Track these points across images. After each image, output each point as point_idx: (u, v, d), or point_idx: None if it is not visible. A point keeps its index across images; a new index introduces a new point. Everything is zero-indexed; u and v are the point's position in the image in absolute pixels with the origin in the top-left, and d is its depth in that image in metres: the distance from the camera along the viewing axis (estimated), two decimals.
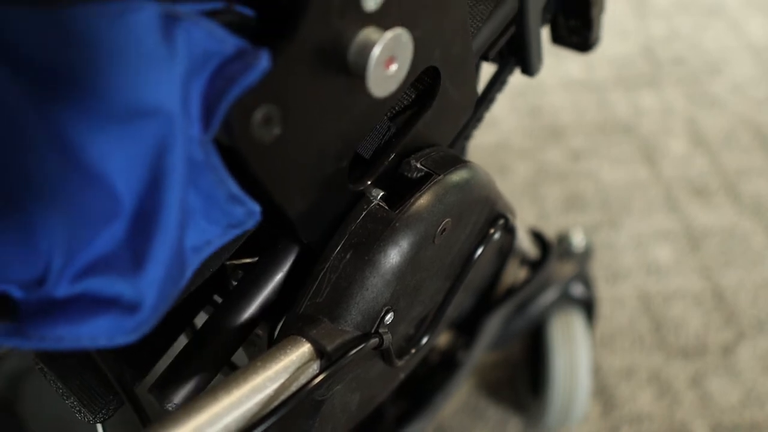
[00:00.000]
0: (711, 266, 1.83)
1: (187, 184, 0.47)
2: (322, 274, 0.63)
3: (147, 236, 0.46)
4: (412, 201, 0.65)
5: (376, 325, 0.65)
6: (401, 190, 0.67)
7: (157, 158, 0.44)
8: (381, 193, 0.67)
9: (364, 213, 0.65)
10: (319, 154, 0.59)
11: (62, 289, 0.45)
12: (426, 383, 1.21)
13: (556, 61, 2.39)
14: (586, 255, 1.51)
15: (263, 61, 0.46)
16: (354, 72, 0.55)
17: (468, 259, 0.77)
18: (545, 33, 0.92)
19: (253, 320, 0.67)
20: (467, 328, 1.23)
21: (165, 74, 0.43)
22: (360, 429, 0.79)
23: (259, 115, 0.50)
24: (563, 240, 1.52)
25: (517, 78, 0.92)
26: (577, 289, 1.44)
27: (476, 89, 0.79)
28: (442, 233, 0.68)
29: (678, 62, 2.42)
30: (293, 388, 0.56)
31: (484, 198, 0.73)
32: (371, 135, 0.69)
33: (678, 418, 1.55)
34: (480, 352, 1.25)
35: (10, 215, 0.41)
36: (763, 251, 1.86)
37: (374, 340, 0.63)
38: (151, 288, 0.47)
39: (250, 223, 0.55)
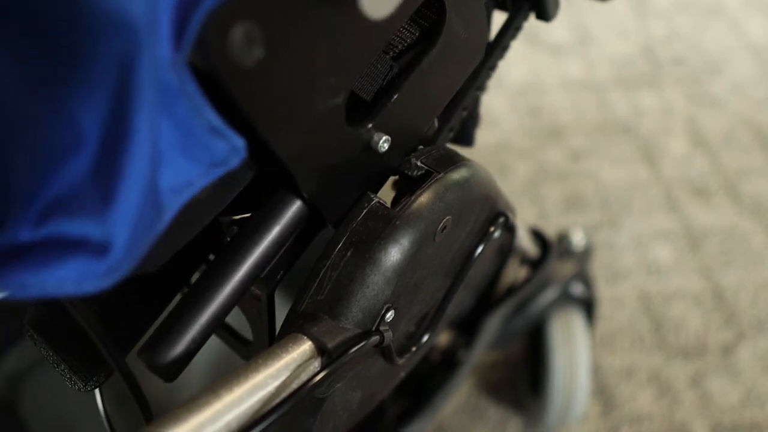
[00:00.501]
0: (711, 266, 1.83)
1: (158, 111, 0.42)
2: (323, 271, 0.64)
3: (114, 169, 0.41)
4: (412, 199, 0.65)
5: (376, 323, 0.65)
6: (402, 188, 0.67)
7: (121, 79, 0.38)
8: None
9: (364, 211, 0.65)
10: (309, 85, 0.54)
11: (25, 232, 0.41)
12: (426, 382, 1.22)
13: (557, 61, 2.39)
14: (586, 254, 1.51)
15: None
16: None
17: (468, 257, 0.77)
18: None
19: (249, 277, 0.63)
20: (467, 328, 1.23)
21: None
22: (360, 427, 0.79)
23: (238, 32, 0.44)
24: (563, 239, 1.52)
25: (517, 78, 0.92)
26: (577, 289, 1.44)
27: (486, 29, 0.75)
28: (442, 231, 0.68)
29: (678, 62, 2.42)
30: (294, 385, 0.56)
31: (485, 196, 0.74)
32: (372, 75, 0.64)
33: (678, 418, 1.55)
34: (480, 352, 1.25)
35: None
36: (763, 251, 1.86)
37: (375, 338, 0.63)
38: (122, 227, 0.43)
39: (235, 160, 0.51)
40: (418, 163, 0.68)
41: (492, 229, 0.77)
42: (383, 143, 0.64)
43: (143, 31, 0.37)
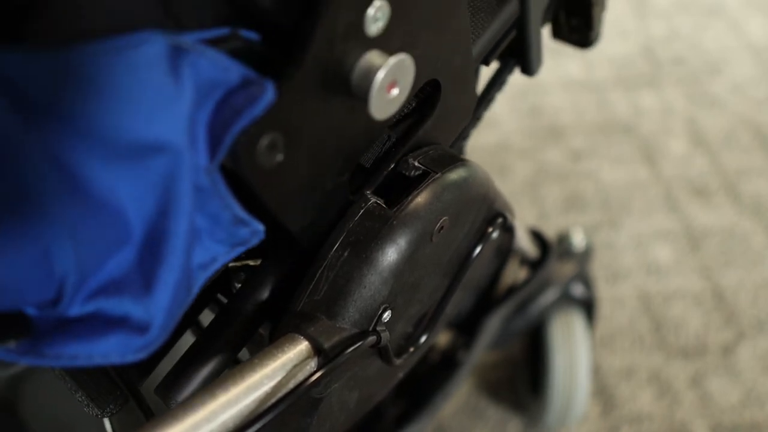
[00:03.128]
0: (711, 266, 1.83)
1: (194, 210, 0.48)
2: (319, 272, 0.63)
3: (156, 261, 0.47)
4: (409, 199, 0.65)
5: (373, 323, 0.65)
6: (399, 189, 0.67)
7: (165, 189, 0.46)
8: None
9: (361, 211, 0.65)
10: (320, 174, 0.60)
11: (75, 308, 0.46)
12: (426, 383, 1.21)
13: (556, 61, 2.39)
14: (586, 255, 1.51)
15: (269, 93, 0.47)
16: (356, 95, 0.56)
17: (466, 258, 0.77)
18: (545, 30, 0.92)
19: (257, 320, 0.67)
20: (467, 328, 1.23)
21: (172, 111, 0.44)
22: (359, 428, 0.79)
23: (264, 142, 0.51)
24: (563, 240, 1.52)
25: (517, 78, 0.92)
26: (577, 289, 1.44)
27: (476, 95, 0.79)
28: (439, 231, 0.68)
29: (678, 62, 2.42)
30: (290, 385, 0.56)
31: (482, 196, 0.73)
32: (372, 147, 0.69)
33: (678, 418, 1.55)
34: (480, 352, 1.25)
35: (28, 240, 0.42)
36: (763, 251, 1.86)
37: (372, 338, 0.63)
38: (160, 309, 0.49)
39: (254, 241, 0.57)
40: (416, 163, 0.68)
41: (490, 229, 0.77)
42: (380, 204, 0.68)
43: (185, 151, 0.45)
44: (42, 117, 0.40)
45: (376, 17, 0.55)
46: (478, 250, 0.77)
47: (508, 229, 0.80)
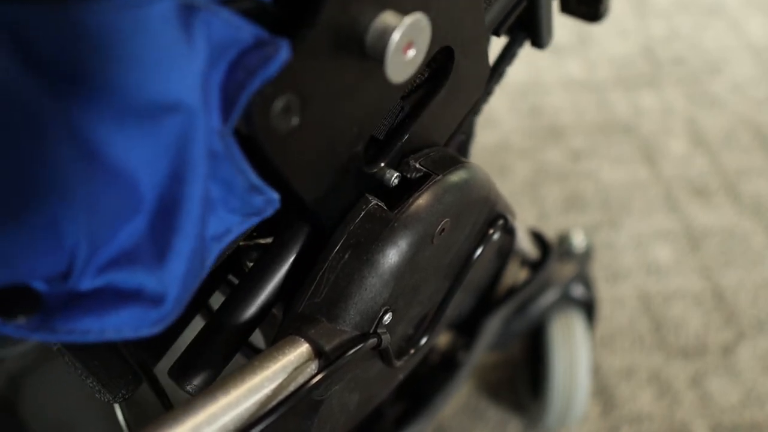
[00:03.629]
0: (711, 266, 1.83)
1: (208, 176, 0.47)
2: (320, 274, 0.63)
3: (169, 230, 0.46)
4: (410, 201, 0.65)
5: (374, 326, 0.65)
6: (400, 191, 0.67)
7: (179, 152, 0.45)
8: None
9: (362, 213, 0.65)
10: (336, 141, 0.59)
11: (86, 282, 0.45)
12: (426, 384, 1.21)
13: (556, 61, 2.39)
14: (586, 256, 1.51)
15: (283, 52, 0.46)
16: (372, 57, 0.55)
17: (467, 260, 0.77)
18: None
19: (270, 301, 0.66)
20: (467, 329, 1.23)
21: (185, 69, 0.43)
22: (359, 429, 0.79)
23: (279, 105, 0.50)
24: (564, 241, 1.52)
25: (517, 78, 0.92)
26: (578, 290, 1.44)
27: (488, 65, 0.78)
28: (440, 234, 0.68)
29: (678, 62, 2.42)
30: (291, 388, 0.56)
31: (483, 198, 0.73)
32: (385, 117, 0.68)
33: (678, 418, 1.56)
34: (480, 353, 1.25)
35: (35, 211, 0.41)
36: (763, 251, 1.86)
37: (372, 340, 0.63)
38: (175, 280, 0.48)
39: (269, 211, 0.56)
40: (417, 165, 0.68)
41: (491, 231, 0.77)
42: (394, 179, 0.68)
43: (199, 111, 0.44)
44: (51, 76, 0.39)
45: None
46: (479, 251, 0.77)
47: (509, 231, 0.80)
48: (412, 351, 0.76)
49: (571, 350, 1.40)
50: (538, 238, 1.38)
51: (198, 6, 0.43)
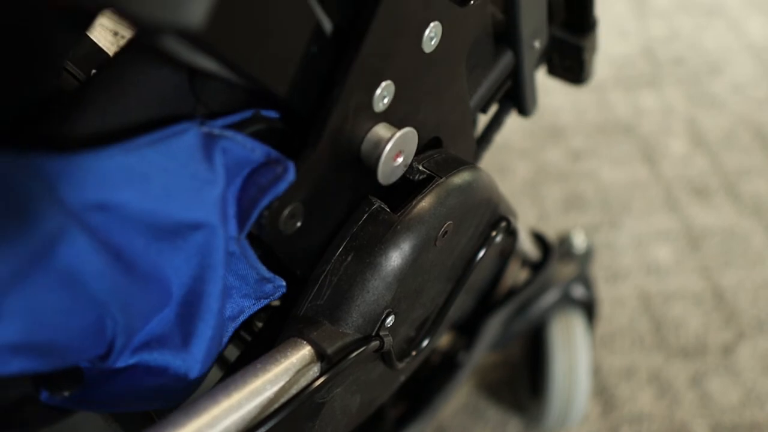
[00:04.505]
0: (711, 266, 1.83)
1: (226, 272, 0.55)
2: (323, 276, 0.63)
3: (193, 319, 0.54)
4: (413, 203, 0.65)
5: (376, 328, 0.65)
6: (403, 193, 0.67)
7: (202, 258, 0.53)
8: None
9: (365, 215, 0.65)
10: (333, 230, 0.66)
11: (122, 361, 0.53)
12: (426, 384, 1.21)
13: None
14: (586, 256, 1.51)
15: (290, 174, 0.54)
16: (366, 163, 0.62)
17: (470, 262, 0.77)
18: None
19: None
20: (468, 330, 1.23)
21: (208, 195, 0.51)
22: (360, 429, 0.79)
23: (285, 213, 0.57)
24: (564, 241, 1.52)
25: None
26: (578, 291, 1.44)
27: (474, 142, 0.84)
28: (443, 236, 0.68)
29: (678, 62, 2.42)
30: (293, 390, 0.56)
31: (486, 200, 0.73)
32: None
33: (678, 418, 1.55)
34: (480, 354, 1.25)
35: (87, 312, 0.47)
36: (763, 251, 1.86)
37: (375, 343, 0.63)
38: (197, 361, 0.55)
39: (277, 295, 0.63)
40: (420, 167, 0.68)
41: (493, 233, 0.77)
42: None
43: (219, 227, 0.52)
44: (97, 208, 0.46)
45: (383, 95, 0.61)
46: (481, 254, 0.77)
47: (511, 233, 0.80)
48: (414, 353, 0.75)
49: (571, 351, 1.39)
50: (539, 238, 1.38)
51: (218, 134, 0.51)
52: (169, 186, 0.48)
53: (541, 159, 2.11)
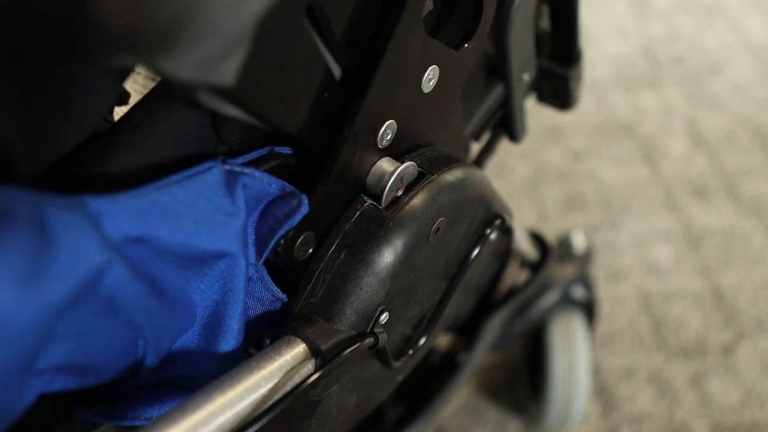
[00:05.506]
0: (711, 266, 1.83)
1: (245, 295, 0.60)
2: (316, 274, 0.64)
3: (215, 339, 0.59)
4: (405, 200, 0.66)
5: (371, 325, 0.65)
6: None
7: (225, 284, 0.58)
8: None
9: (357, 213, 0.65)
10: None
11: (150, 379, 0.57)
12: (426, 385, 1.21)
13: None
14: (586, 257, 1.51)
15: (303, 207, 0.59)
16: (371, 193, 0.67)
17: (464, 260, 0.77)
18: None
19: None
20: (468, 331, 1.23)
21: (232, 227, 0.56)
22: (359, 430, 0.79)
23: (299, 241, 0.62)
24: (564, 242, 1.52)
25: None
26: (578, 292, 1.44)
27: None
28: (436, 233, 0.68)
29: (678, 62, 2.42)
30: (288, 387, 0.56)
31: (479, 198, 0.74)
32: None
33: (678, 418, 1.55)
34: (480, 354, 1.25)
35: (122, 336, 0.52)
36: (763, 251, 1.86)
37: (369, 340, 0.63)
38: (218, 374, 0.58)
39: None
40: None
41: (488, 231, 0.77)
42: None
43: (240, 256, 0.57)
44: (135, 242, 0.50)
45: (387, 133, 0.66)
46: (476, 251, 0.77)
47: (506, 231, 0.80)
48: (410, 352, 0.75)
49: (571, 352, 1.40)
50: (537, 239, 1.38)
51: (239, 171, 0.56)
52: (197, 220, 0.53)
53: (541, 159, 2.11)
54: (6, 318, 0.41)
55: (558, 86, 1.06)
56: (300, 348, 0.59)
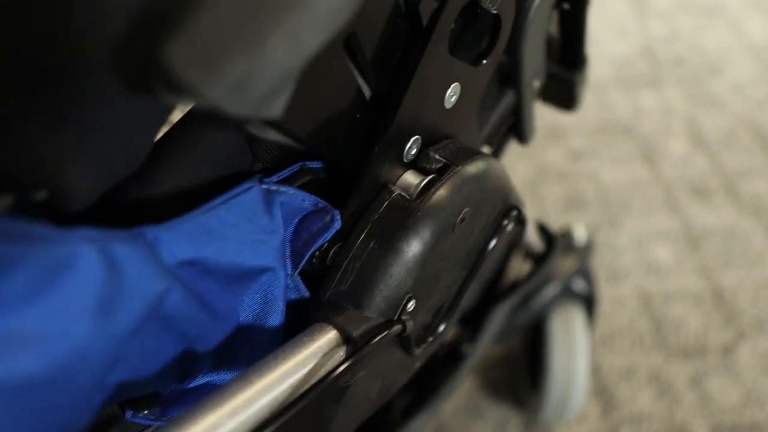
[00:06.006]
0: (711, 266, 1.84)
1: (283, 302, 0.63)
2: (346, 262, 0.64)
3: (257, 343, 0.62)
4: (432, 191, 0.67)
5: (398, 312, 0.66)
6: (420, 181, 0.68)
7: (265, 295, 0.61)
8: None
9: (386, 203, 0.66)
10: None
11: (195, 383, 0.60)
12: (432, 375, 1.22)
13: None
14: (587, 250, 1.52)
15: (336, 222, 0.63)
16: None
17: (482, 250, 0.77)
18: None
19: None
20: (472, 321, 1.24)
21: (272, 244, 0.59)
22: (368, 420, 0.80)
23: (332, 252, 0.65)
24: (565, 235, 1.53)
25: None
26: (579, 285, 1.45)
27: None
28: (461, 222, 0.68)
29: (678, 62, 2.43)
30: (321, 373, 0.57)
31: (500, 189, 0.75)
32: None
33: (678, 418, 1.56)
34: (484, 345, 1.25)
35: (175, 348, 0.56)
36: (763, 251, 1.86)
37: (398, 327, 0.64)
38: None
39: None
40: (437, 156, 0.70)
41: (505, 222, 0.78)
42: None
43: (280, 269, 0.61)
44: (187, 265, 0.53)
45: (412, 148, 0.68)
46: (494, 242, 0.77)
47: (521, 222, 0.81)
48: (430, 339, 0.76)
49: (570, 342, 1.40)
50: (543, 230, 1.39)
51: (274, 190, 0.59)
52: (241, 240, 0.56)
53: (541, 159, 2.12)
54: (84, 349, 0.44)
55: (563, 89, 1.09)
56: (332, 334, 0.59)
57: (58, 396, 0.44)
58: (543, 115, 2.16)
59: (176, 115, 0.59)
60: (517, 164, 2.09)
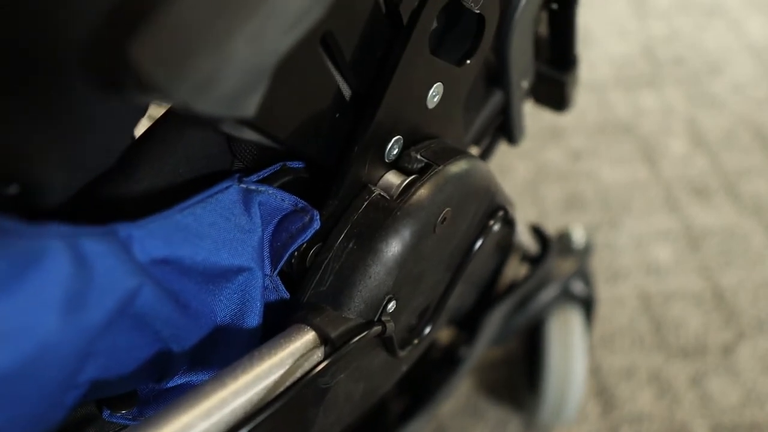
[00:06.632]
0: (711, 266, 1.83)
1: (261, 302, 0.62)
2: (325, 263, 0.64)
3: (235, 342, 0.62)
4: (413, 191, 0.66)
5: (378, 313, 0.65)
6: (401, 181, 0.68)
7: (243, 295, 0.60)
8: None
9: (365, 203, 0.66)
10: None
11: (172, 383, 0.60)
12: (429, 379, 1.22)
13: None
14: (586, 251, 1.51)
15: (316, 222, 0.62)
16: None
17: (468, 251, 0.77)
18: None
19: None
20: (469, 325, 1.24)
21: (249, 243, 0.59)
22: (365, 423, 0.80)
23: (311, 253, 0.65)
24: (563, 236, 1.52)
25: None
26: (577, 287, 1.44)
27: None
28: (442, 223, 0.68)
29: (678, 62, 2.42)
30: (298, 374, 0.57)
31: (484, 189, 0.75)
32: None
33: (678, 418, 1.56)
34: (481, 348, 1.25)
35: (152, 347, 0.56)
36: (763, 251, 1.86)
37: (377, 328, 0.64)
38: None
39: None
40: (418, 156, 0.69)
41: (491, 222, 0.78)
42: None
43: (258, 269, 0.60)
44: (161, 263, 0.52)
45: (394, 148, 0.68)
46: (479, 243, 0.77)
47: (508, 223, 0.81)
48: (415, 341, 0.76)
49: (568, 345, 1.40)
50: (537, 232, 1.38)
51: (254, 189, 0.59)
52: (218, 239, 0.56)
53: (541, 159, 2.12)
54: (51, 345, 0.44)
55: (554, 90, 1.09)
56: (310, 335, 0.59)
57: (25, 390, 0.44)
58: (543, 115, 2.16)
59: (159, 111, 0.61)
60: (516, 164, 2.09)
